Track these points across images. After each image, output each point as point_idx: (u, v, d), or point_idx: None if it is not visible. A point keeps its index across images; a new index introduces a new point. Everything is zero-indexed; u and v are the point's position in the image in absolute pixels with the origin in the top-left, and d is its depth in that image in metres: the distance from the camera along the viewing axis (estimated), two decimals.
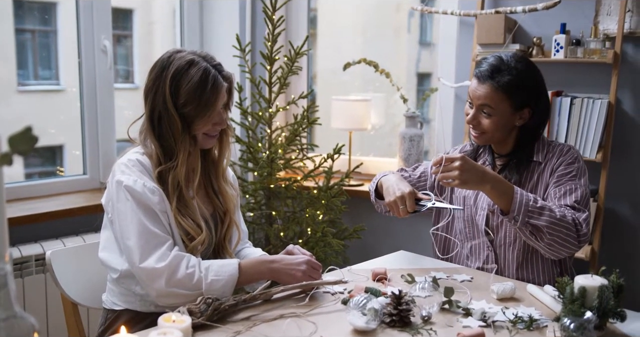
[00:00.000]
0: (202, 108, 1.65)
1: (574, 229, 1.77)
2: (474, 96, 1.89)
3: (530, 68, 1.90)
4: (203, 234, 1.69)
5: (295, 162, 2.99)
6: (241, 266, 1.64)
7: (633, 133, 2.63)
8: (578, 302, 1.40)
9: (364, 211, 3.20)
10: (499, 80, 1.84)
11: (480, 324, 1.48)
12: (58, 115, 3.48)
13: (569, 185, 1.86)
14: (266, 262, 1.69)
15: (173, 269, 1.58)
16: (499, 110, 1.86)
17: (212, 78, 1.65)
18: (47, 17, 3.32)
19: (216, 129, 1.72)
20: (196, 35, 3.36)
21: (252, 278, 1.67)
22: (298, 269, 1.67)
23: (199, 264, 1.61)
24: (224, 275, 1.61)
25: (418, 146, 3.09)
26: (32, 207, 2.55)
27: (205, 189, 1.81)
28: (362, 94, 3.62)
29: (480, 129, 1.90)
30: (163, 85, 1.65)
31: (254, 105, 3.12)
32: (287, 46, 3.04)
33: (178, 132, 1.66)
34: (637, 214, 2.68)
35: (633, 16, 2.53)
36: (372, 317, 1.44)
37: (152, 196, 1.63)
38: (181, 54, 1.67)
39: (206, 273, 1.60)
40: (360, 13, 4.09)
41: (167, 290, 1.57)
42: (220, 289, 1.59)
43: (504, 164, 1.97)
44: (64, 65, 3.20)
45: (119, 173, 1.66)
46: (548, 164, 1.92)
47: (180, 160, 1.66)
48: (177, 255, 1.60)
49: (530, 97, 1.89)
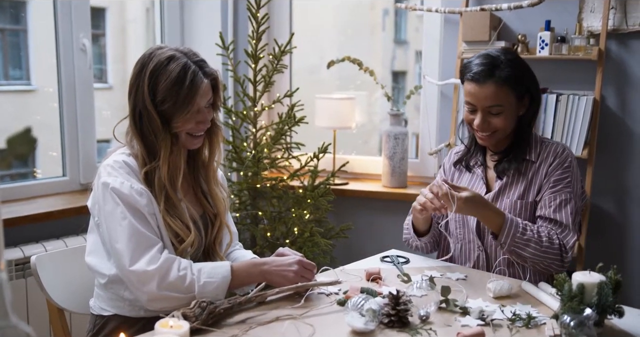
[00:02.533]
0: (181, 105, 1.59)
1: (559, 257, 1.80)
2: (477, 100, 1.85)
3: (518, 56, 1.92)
4: (192, 235, 1.65)
5: (281, 161, 2.96)
6: (233, 268, 1.61)
7: (618, 129, 2.65)
8: (577, 299, 1.40)
9: (350, 210, 3.18)
10: (499, 75, 1.82)
11: (479, 323, 1.47)
12: (31, 115, 3.40)
13: (564, 194, 1.86)
14: (257, 264, 1.66)
15: (164, 271, 1.54)
16: (508, 105, 1.85)
17: (192, 74, 1.59)
18: (18, 16, 3.24)
19: (200, 128, 1.67)
20: (177, 33, 3.31)
21: (244, 281, 1.64)
22: (290, 270, 1.64)
23: (191, 267, 1.58)
24: (216, 277, 1.57)
25: (403, 144, 3.08)
26: (10, 211, 2.47)
27: (194, 190, 1.77)
28: (342, 93, 3.59)
29: (490, 129, 1.88)
30: (142, 82, 1.61)
31: (237, 104, 3.07)
32: (271, 44, 3.00)
33: (158, 130, 1.62)
34: (622, 209, 2.70)
35: (616, 13, 2.55)
36: (371, 318, 1.43)
37: (140, 197, 1.59)
38: (162, 50, 1.63)
39: (199, 275, 1.56)
40: (336, 11, 4.08)
41: (159, 293, 1.54)
42: (213, 291, 1.56)
43: (498, 161, 1.97)
44: (35, 64, 3.13)
45: (105, 175, 1.61)
46: (543, 164, 1.91)
47: (162, 159, 1.62)
48: (169, 257, 1.57)
49: (529, 83, 1.90)
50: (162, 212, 1.61)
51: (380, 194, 3.09)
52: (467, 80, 1.87)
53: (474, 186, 2.00)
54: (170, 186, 1.64)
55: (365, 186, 3.18)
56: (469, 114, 1.90)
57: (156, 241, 1.59)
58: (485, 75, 1.82)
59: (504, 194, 1.93)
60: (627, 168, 2.66)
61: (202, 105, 1.64)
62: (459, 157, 2.08)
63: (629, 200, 2.68)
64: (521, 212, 1.90)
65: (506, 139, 1.94)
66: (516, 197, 1.91)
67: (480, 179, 2.00)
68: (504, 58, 1.85)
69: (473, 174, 2.03)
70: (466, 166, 2.04)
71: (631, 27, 2.54)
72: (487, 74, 1.82)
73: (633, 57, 2.59)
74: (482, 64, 1.84)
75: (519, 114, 1.91)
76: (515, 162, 1.92)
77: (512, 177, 1.93)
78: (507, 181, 1.93)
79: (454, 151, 2.15)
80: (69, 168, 2.82)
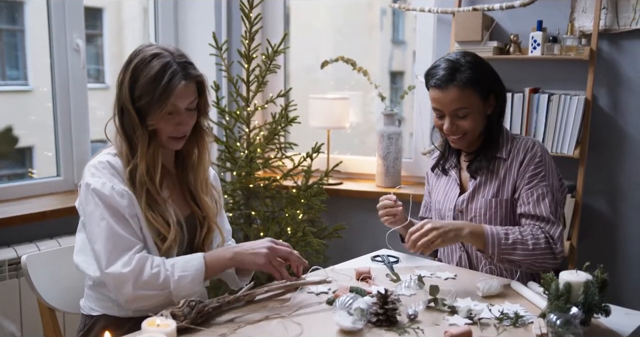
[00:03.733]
0: (156, 102, 1.57)
1: (549, 250, 1.80)
2: (442, 105, 1.88)
3: (477, 57, 1.94)
4: (172, 231, 1.64)
5: (274, 161, 2.96)
6: (206, 257, 1.60)
7: (609, 129, 2.66)
8: (564, 298, 1.41)
9: (344, 210, 3.19)
10: (460, 78, 1.84)
11: (466, 322, 1.48)
12: (28, 116, 3.40)
13: (540, 189, 1.86)
14: (229, 249, 1.65)
15: (138, 271, 1.53)
16: (473, 106, 1.87)
17: (171, 73, 1.58)
18: (15, 16, 3.25)
19: (179, 130, 1.64)
20: (171, 33, 3.31)
21: (218, 268, 1.62)
22: (261, 248, 1.62)
23: (164, 263, 1.57)
24: (190, 270, 1.56)
25: (397, 144, 3.09)
26: (3, 211, 2.48)
27: (182, 191, 1.76)
28: (337, 93, 3.60)
29: (460, 132, 1.90)
30: (126, 78, 1.61)
31: (231, 104, 3.08)
32: (264, 44, 3.01)
33: (136, 126, 1.61)
34: (614, 209, 2.71)
35: (608, 13, 2.56)
36: (359, 317, 1.43)
37: (121, 199, 1.59)
38: (150, 48, 1.63)
39: (172, 270, 1.55)
40: (333, 11, 4.08)
41: (135, 293, 1.53)
42: (189, 284, 1.55)
43: (470, 161, 1.98)
44: (32, 65, 3.13)
45: (88, 176, 1.62)
46: (515, 160, 1.91)
47: (139, 156, 1.62)
48: (141, 257, 1.56)
49: (492, 83, 1.92)
50: (144, 209, 1.61)
51: (374, 193, 3.08)
52: (431, 87, 1.90)
53: (450, 187, 2.03)
54: (150, 181, 1.63)
55: (359, 186, 3.19)
56: (438, 120, 1.92)
57: (134, 243, 1.58)
58: (447, 80, 1.85)
59: (478, 193, 1.94)
60: (618, 168, 2.67)
61: (181, 107, 1.62)
62: (435, 162, 2.12)
63: (620, 200, 2.69)
64: (497, 210, 1.91)
65: (478, 139, 1.96)
66: (490, 195, 1.92)
67: (454, 181, 2.02)
68: (463, 61, 1.87)
69: (449, 177, 2.05)
70: (443, 170, 2.07)
71: (622, 27, 2.54)
72: (449, 79, 1.84)
73: (624, 57, 2.60)
74: (443, 69, 1.87)
75: (487, 113, 1.93)
76: (485, 161, 1.93)
77: (485, 176, 1.94)
78: (480, 180, 1.95)
79: (432, 156, 2.18)
80: (62, 168, 2.83)
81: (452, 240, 1.76)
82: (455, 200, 1.98)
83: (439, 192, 2.07)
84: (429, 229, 1.71)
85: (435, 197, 2.09)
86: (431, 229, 1.71)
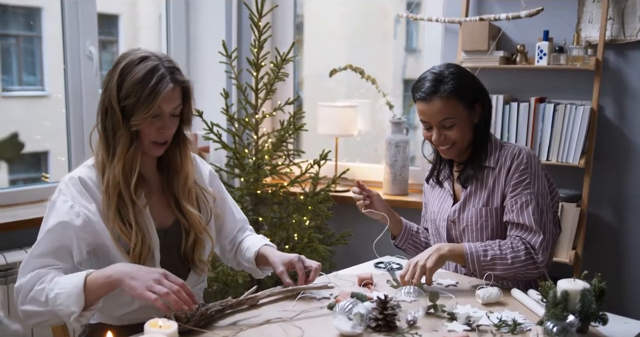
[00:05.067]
0: (142, 103, 1.58)
1: (531, 261, 1.82)
2: (429, 117, 1.91)
3: (461, 68, 1.97)
4: (132, 235, 1.60)
5: (282, 168, 3.00)
6: (89, 275, 1.50)
7: (615, 139, 2.67)
8: (561, 305, 1.42)
9: (350, 217, 3.21)
10: (444, 89, 1.88)
11: (465, 328, 1.50)
12: (43, 121, 3.46)
13: (524, 196, 1.88)
14: (115, 266, 1.53)
15: (29, 287, 1.52)
16: (458, 115, 1.90)
17: (159, 76, 1.59)
18: (32, 23, 3.31)
19: (161, 135, 1.65)
20: (182, 41, 3.37)
21: (98, 285, 1.49)
22: (146, 276, 1.48)
23: (51, 280, 1.52)
24: (67, 287, 1.48)
25: (404, 152, 3.11)
26: (17, 214, 2.53)
27: (165, 198, 1.75)
28: (348, 100, 3.63)
29: (449, 142, 1.93)
30: (113, 78, 1.61)
31: (240, 111, 3.12)
32: (273, 53, 3.05)
33: (119, 126, 1.61)
34: (619, 218, 2.71)
35: (614, 24, 2.58)
36: (358, 322, 1.45)
37: (76, 218, 1.58)
38: (138, 51, 1.65)
39: (53, 287, 1.50)
40: (347, 19, 4.11)
41: (23, 309, 1.52)
42: (65, 301, 1.47)
43: (460, 172, 2.01)
44: (48, 70, 3.19)
45: (57, 191, 1.64)
46: (502, 168, 1.94)
47: (117, 156, 1.61)
48: (38, 273, 1.53)
49: (475, 92, 1.95)
50: (112, 218, 1.60)
51: None
52: (417, 100, 1.93)
53: (443, 198, 2.06)
54: (125, 184, 1.62)
55: None
56: (426, 132, 1.96)
57: (53, 265, 1.55)
58: (431, 92, 1.88)
59: (469, 202, 1.97)
60: (624, 177, 2.68)
61: (166, 111, 1.62)
62: (428, 174, 2.15)
63: (625, 209, 2.69)
64: (487, 219, 1.94)
65: (468, 148, 1.98)
66: (480, 204, 1.94)
67: (447, 192, 2.06)
68: (447, 72, 1.90)
69: (443, 188, 2.08)
70: (437, 181, 2.10)
71: (628, 38, 2.56)
72: (433, 91, 1.88)
73: (630, 67, 2.61)
74: (427, 81, 1.90)
75: (474, 122, 1.95)
76: (473, 170, 1.96)
77: (474, 185, 1.97)
78: (470, 189, 1.97)
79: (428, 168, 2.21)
80: None
81: (440, 261, 1.80)
82: (449, 210, 2.02)
83: (434, 203, 2.11)
84: (413, 265, 1.77)
85: (430, 208, 2.12)
86: (414, 265, 1.76)
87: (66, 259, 1.59)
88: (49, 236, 1.58)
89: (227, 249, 1.96)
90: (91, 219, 1.60)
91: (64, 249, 1.58)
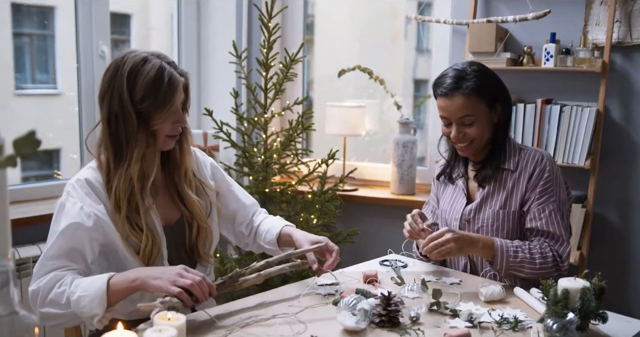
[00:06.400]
0: (161, 103, 1.62)
1: (555, 268, 1.85)
2: (449, 113, 1.92)
3: (483, 67, 1.97)
4: (143, 237, 1.64)
5: (290, 167, 3.04)
6: (112, 278, 1.54)
7: (620, 140, 2.68)
8: (561, 303, 1.44)
9: (358, 216, 3.24)
10: (466, 86, 1.89)
11: (467, 325, 1.53)
12: (55, 119, 3.51)
13: (551, 205, 1.90)
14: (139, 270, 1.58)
15: (47, 289, 1.54)
16: (479, 113, 1.91)
17: (168, 73, 1.63)
18: (45, 22, 3.36)
19: (176, 128, 1.70)
20: (193, 41, 3.41)
21: (122, 288, 1.54)
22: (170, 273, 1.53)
23: (71, 282, 1.55)
24: (90, 290, 1.52)
25: (411, 152, 3.14)
26: (29, 210, 2.57)
27: (170, 194, 1.79)
28: (357, 101, 3.66)
29: (467, 140, 1.94)
30: (119, 84, 1.62)
31: (249, 110, 3.16)
32: (282, 53, 3.08)
33: (133, 130, 1.62)
34: (624, 219, 2.73)
35: (621, 26, 2.59)
36: (362, 318, 1.48)
37: (87, 219, 1.61)
38: (134, 53, 1.67)
39: (74, 290, 1.53)
40: (358, 19, 4.14)
41: (42, 311, 1.53)
42: (88, 304, 1.51)
43: (477, 171, 2.01)
44: (61, 69, 3.23)
45: (64, 194, 1.66)
46: (523, 173, 1.94)
47: (134, 158, 1.63)
48: (55, 275, 1.56)
49: (497, 91, 1.96)
50: (122, 221, 1.63)
51: (388, 200, 3.15)
52: (438, 96, 1.94)
53: (456, 197, 2.06)
54: (139, 185, 1.65)
55: (374, 193, 3.25)
56: (445, 128, 1.97)
57: (68, 266, 1.58)
58: (453, 89, 1.89)
59: (485, 204, 1.97)
60: (630, 178, 2.69)
61: (178, 105, 1.68)
62: (441, 170, 2.15)
63: (631, 210, 2.71)
64: (504, 222, 1.94)
65: (485, 148, 1.99)
66: (498, 207, 1.95)
67: (461, 191, 2.06)
68: (469, 70, 1.92)
69: (455, 186, 2.08)
70: (449, 178, 2.11)
71: (635, 40, 2.57)
72: (454, 87, 1.89)
73: (637, 70, 2.62)
74: (449, 77, 1.91)
75: (494, 121, 1.96)
76: (491, 170, 1.97)
77: (492, 186, 1.98)
78: (488, 190, 1.98)
79: (439, 164, 2.21)
80: None
81: (465, 252, 1.84)
82: (462, 210, 2.02)
83: (445, 201, 2.11)
84: (448, 239, 1.77)
85: (441, 205, 2.13)
86: (449, 240, 1.77)
87: (79, 261, 1.61)
88: (61, 238, 1.60)
89: (244, 234, 1.99)
90: (101, 219, 1.63)
91: (77, 250, 1.61)
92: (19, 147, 0.82)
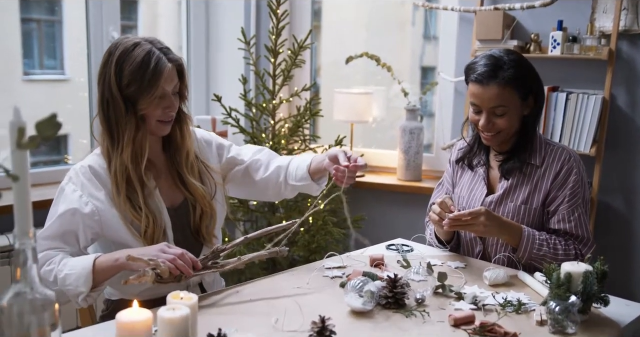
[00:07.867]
0: (146, 88, 1.63)
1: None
2: (481, 100, 1.87)
3: (521, 56, 1.92)
4: (142, 217, 1.67)
5: (298, 152, 3.06)
6: (98, 258, 1.59)
7: (626, 128, 2.70)
8: (564, 287, 1.47)
9: (364, 202, 3.27)
10: (503, 76, 1.83)
11: (471, 307, 1.56)
12: (64, 104, 3.53)
13: (580, 208, 1.89)
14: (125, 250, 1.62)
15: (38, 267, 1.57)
16: (512, 105, 1.87)
17: (156, 58, 1.64)
18: (54, 7, 3.38)
19: (167, 114, 1.71)
20: (202, 27, 3.43)
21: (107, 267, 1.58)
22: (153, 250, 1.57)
23: (59, 261, 1.60)
24: (77, 268, 1.57)
25: (418, 139, 3.17)
26: (39, 194, 2.61)
27: (172, 178, 1.82)
28: (365, 87, 3.68)
29: (495, 130, 1.89)
30: (109, 69, 1.65)
31: (258, 97, 3.19)
32: (290, 39, 3.10)
33: (122, 114, 1.65)
34: (629, 206, 2.75)
35: (628, 14, 2.60)
36: (369, 299, 1.51)
37: (85, 206, 1.65)
38: (128, 39, 1.69)
39: (62, 268, 1.58)
40: (365, 6, 4.15)
41: None
42: (74, 282, 1.56)
43: (503, 161, 1.98)
44: (69, 55, 3.25)
45: (66, 178, 1.70)
46: (549, 170, 1.92)
47: (125, 142, 1.66)
48: (44, 255, 1.61)
49: (532, 83, 1.91)
50: (123, 203, 1.66)
51: (395, 186, 3.18)
52: (472, 81, 1.89)
53: (476, 185, 2.03)
54: (134, 170, 1.68)
55: (381, 179, 3.27)
56: (474, 115, 1.92)
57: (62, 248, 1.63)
58: (489, 77, 1.83)
59: (507, 197, 1.95)
60: (635, 166, 2.71)
61: (168, 91, 1.68)
62: (461, 155, 2.10)
63: (635, 197, 2.73)
64: (524, 217, 1.93)
65: (511, 139, 1.95)
66: (520, 201, 1.93)
67: (482, 179, 2.02)
68: (507, 59, 1.86)
69: (475, 173, 2.04)
70: (468, 164, 2.07)
71: None
72: (491, 75, 1.83)
73: None
74: (485, 65, 1.85)
75: (524, 114, 1.92)
76: (518, 162, 1.93)
77: (516, 179, 1.94)
78: (511, 183, 1.94)
79: (457, 147, 2.16)
80: None
81: (489, 233, 1.85)
82: (482, 200, 1.99)
83: (462, 187, 2.07)
84: (481, 222, 1.77)
85: (458, 191, 2.09)
86: (481, 223, 1.77)
87: (72, 243, 1.67)
88: (58, 221, 1.65)
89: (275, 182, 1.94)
90: (99, 208, 1.67)
91: (72, 233, 1.66)
92: (42, 129, 0.85)
